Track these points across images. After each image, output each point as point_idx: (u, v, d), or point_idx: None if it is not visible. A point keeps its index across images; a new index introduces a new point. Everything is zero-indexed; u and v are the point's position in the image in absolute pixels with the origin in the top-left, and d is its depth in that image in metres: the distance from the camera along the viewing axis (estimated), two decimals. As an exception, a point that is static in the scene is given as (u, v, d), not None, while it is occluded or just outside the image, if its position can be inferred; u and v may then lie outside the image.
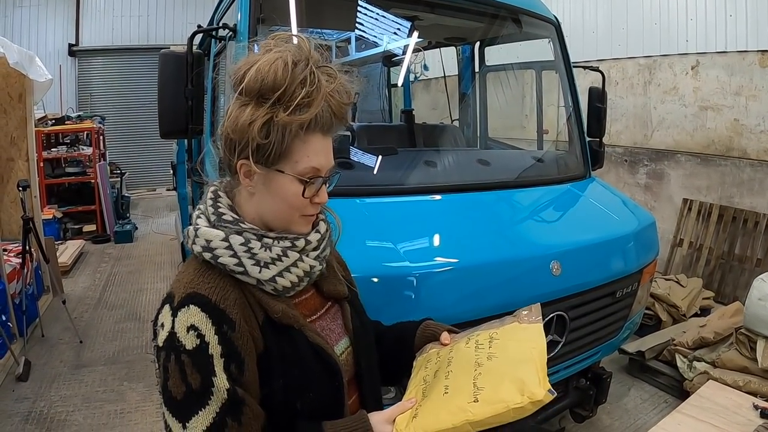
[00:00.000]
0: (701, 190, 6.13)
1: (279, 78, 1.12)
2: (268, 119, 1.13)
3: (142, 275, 7.49)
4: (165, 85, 2.77)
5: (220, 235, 1.18)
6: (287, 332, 1.21)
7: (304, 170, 1.18)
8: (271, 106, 1.12)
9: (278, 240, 1.22)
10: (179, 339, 1.09)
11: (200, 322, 1.10)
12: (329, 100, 1.15)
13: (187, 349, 1.08)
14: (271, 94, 1.12)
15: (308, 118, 1.13)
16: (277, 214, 1.23)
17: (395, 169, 3.06)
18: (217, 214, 1.23)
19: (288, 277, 1.22)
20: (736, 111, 5.74)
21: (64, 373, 4.71)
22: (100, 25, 13.11)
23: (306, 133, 1.15)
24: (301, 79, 1.12)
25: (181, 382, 1.08)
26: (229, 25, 2.96)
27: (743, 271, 5.65)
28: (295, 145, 1.16)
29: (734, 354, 3.95)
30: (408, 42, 4.07)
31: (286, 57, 1.13)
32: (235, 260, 1.17)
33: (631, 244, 3.03)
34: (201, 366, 1.08)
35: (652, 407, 4.20)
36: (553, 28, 3.87)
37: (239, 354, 1.12)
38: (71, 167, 9.75)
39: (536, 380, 1.17)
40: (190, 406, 1.08)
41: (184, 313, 1.11)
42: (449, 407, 1.19)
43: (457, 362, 1.30)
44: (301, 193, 1.18)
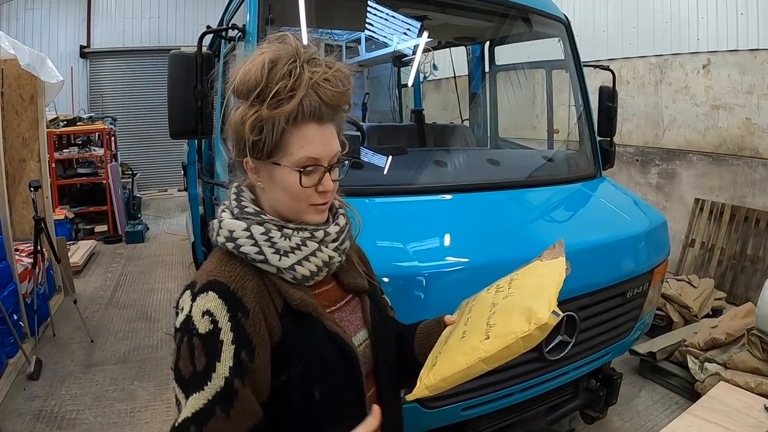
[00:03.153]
0: (713, 190, 6.09)
1: (257, 76, 1.16)
2: (256, 116, 1.17)
3: (153, 275, 7.53)
4: (175, 86, 2.78)
5: (242, 226, 1.23)
6: (305, 319, 1.25)
7: (299, 160, 1.20)
8: (256, 104, 1.17)
9: (298, 230, 1.26)
10: (194, 322, 1.14)
11: (216, 308, 1.14)
12: (317, 89, 1.17)
13: (200, 332, 1.13)
14: (252, 93, 1.17)
15: (290, 109, 1.16)
16: (286, 206, 1.26)
17: (405, 168, 3.05)
18: (240, 207, 1.28)
19: (307, 266, 1.25)
20: (748, 110, 5.70)
21: (74, 372, 4.74)
22: (111, 27, 13.19)
23: (296, 124, 1.18)
24: (281, 74, 1.16)
25: (189, 363, 1.13)
26: (238, 26, 2.97)
27: (755, 272, 5.61)
28: (288, 137, 1.19)
29: (746, 355, 3.93)
30: (418, 42, 4.07)
31: (266, 56, 1.17)
32: (255, 249, 1.21)
33: (641, 244, 3.01)
34: (209, 350, 1.12)
35: (663, 408, 4.17)
36: (563, 27, 3.85)
37: (251, 342, 1.15)
38: (83, 168, 9.82)
39: (545, 306, 1.19)
40: (192, 386, 1.12)
41: (202, 298, 1.15)
42: (464, 349, 1.23)
43: (477, 307, 1.36)
44: (299, 182, 1.20)
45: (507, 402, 2.64)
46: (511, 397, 2.63)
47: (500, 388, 2.56)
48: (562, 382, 2.85)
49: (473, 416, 2.58)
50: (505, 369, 2.54)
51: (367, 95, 7.78)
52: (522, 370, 2.60)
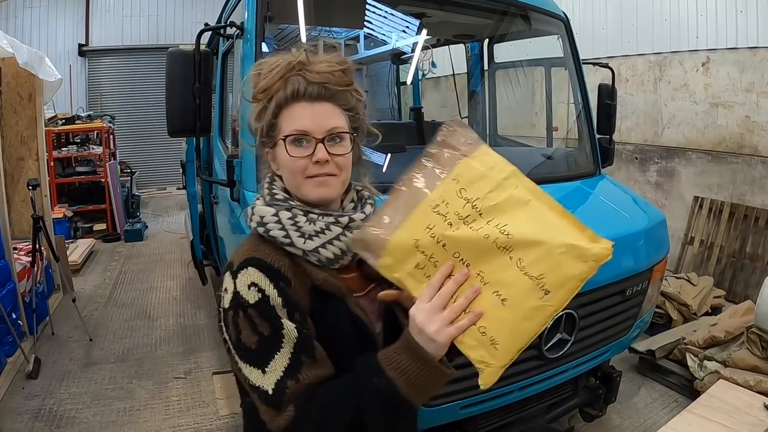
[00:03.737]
0: (712, 188, 6.09)
1: (256, 79, 1.35)
2: (256, 108, 1.36)
3: (152, 274, 7.52)
4: (173, 84, 2.78)
5: (271, 211, 1.34)
6: (330, 299, 1.34)
7: (288, 133, 1.31)
8: (253, 98, 1.36)
9: (323, 215, 1.34)
10: (242, 296, 1.23)
11: (259, 279, 1.24)
12: (302, 73, 1.30)
13: (251, 303, 1.22)
14: (258, 93, 1.35)
15: (277, 91, 1.31)
16: (290, 183, 1.37)
17: (404, 166, 3.03)
18: (271, 195, 1.39)
19: (330, 249, 1.32)
20: (748, 108, 5.69)
21: (73, 370, 4.73)
22: (110, 25, 13.17)
23: (287, 106, 1.32)
24: (266, 65, 1.34)
25: (253, 333, 1.21)
26: (236, 24, 2.95)
27: (755, 270, 5.60)
28: (282, 119, 1.32)
29: (745, 353, 3.92)
30: (416, 40, 4.06)
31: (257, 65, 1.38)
32: (283, 233, 1.31)
33: (641, 242, 3.01)
34: (267, 315, 1.22)
35: (662, 407, 4.17)
36: (562, 25, 3.84)
37: (298, 305, 1.26)
38: (81, 166, 9.80)
39: (584, 237, 1.14)
40: (267, 352, 1.22)
41: (243, 274, 1.25)
42: (523, 313, 1.13)
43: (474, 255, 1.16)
44: (291, 153, 1.31)
45: (506, 400, 2.64)
46: (511, 395, 2.63)
47: (500, 386, 2.55)
48: (561, 380, 2.85)
49: (472, 414, 2.58)
50: (505, 367, 2.54)
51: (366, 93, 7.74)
52: (521, 368, 2.60)
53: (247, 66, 2.76)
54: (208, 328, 5.63)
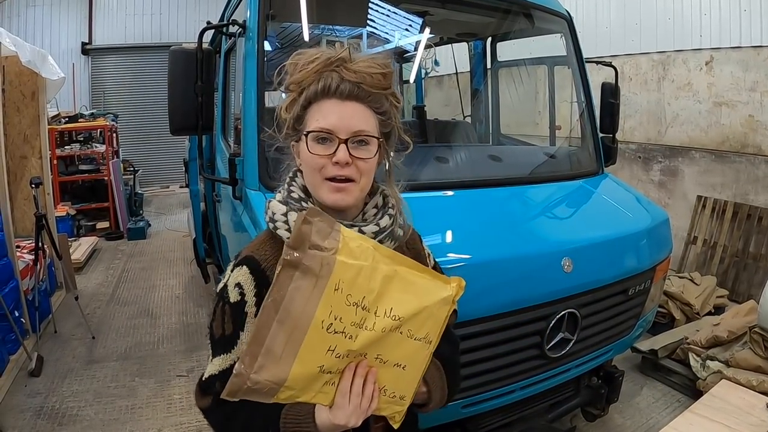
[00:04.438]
0: (716, 187, 6.08)
1: (289, 66, 1.32)
2: (290, 99, 1.33)
3: (155, 272, 7.53)
4: (175, 82, 2.77)
5: (282, 209, 1.32)
6: None
7: (313, 128, 1.28)
8: (285, 89, 1.33)
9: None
10: (227, 291, 1.29)
11: (246, 282, 1.27)
12: (339, 70, 1.27)
13: (231, 301, 1.27)
14: (290, 84, 1.32)
15: (310, 84, 1.28)
16: (309, 181, 1.34)
17: (406, 165, 3.03)
18: (288, 191, 1.38)
19: None
20: (751, 107, 5.68)
21: (76, 368, 4.75)
22: (113, 24, 13.18)
23: (317, 100, 1.29)
24: (302, 60, 1.30)
25: (221, 326, 1.29)
26: (238, 22, 2.95)
27: (758, 269, 5.59)
28: (310, 113, 1.30)
29: (748, 353, 3.91)
30: (419, 38, 4.05)
31: (296, 55, 1.33)
32: (288, 234, 1.28)
33: (644, 241, 3.00)
34: (235, 319, 1.27)
35: (664, 406, 4.17)
36: (565, 23, 3.84)
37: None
38: (84, 165, 9.81)
39: (445, 286, 1.29)
40: (220, 348, 1.30)
41: (237, 270, 1.29)
42: (417, 366, 1.29)
43: (374, 346, 1.20)
44: (312, 149, 1.28)
45: (508, 399, 2.64)
46: (513, 395, 2.63)
47: (501, 386, 2.55)
48: (563, 380, 2.85)
49: (474, 413, 2.57)
50: (507, 366, 2.54)
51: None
52: (523, 368, 2.60)
53: (250, 64, 2.76)
54: (210, 327, 5.60)
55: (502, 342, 2.46)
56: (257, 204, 2.48)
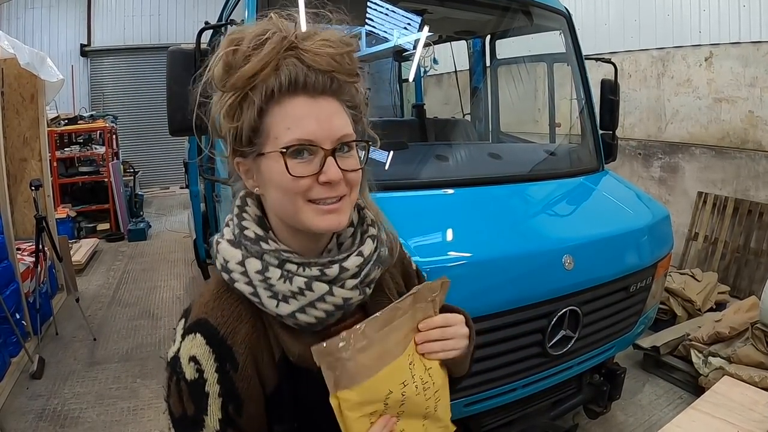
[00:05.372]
0: (716, 183, 6.06)
1: (225, 58, 0.96)
2: (229, 100, 0.97)
3: (156, 273, 7.53)
4: (173, 82, 2.76)
5: (236, 257, 1.04)
6: (306, 375, 1.04)
7: (285, 143, 0.96)
8: (230, 86, 0.96)
9: (304, 267, 1.03)
10: (181, 365, 1.01)
11: (203, 355, 1.00)
12: (298, 53, 0.95)
13: (186, 378, 1.00)
14: (224, 76, 0.96)
15: (263, 80, 0.95)
16: (283, 209, 1.03)
17: (406, 163, 3.03)
18: (240, 228, 1.07)
19: (312, 313, 1.03)
20: (751, 103, 5.66)
21: (77, 370, 4.75)
22: (112, 25, 13.16)
23: (277, 100, 0.97)
24: (251, 46, 0.94)
25: (179, 404, 1.02)
26: (236, 21, 2.95)
27: (759, 265, 5.58)
28: (271, 119, 0.98)
29: (750, 349, 3.91)
30: (418, 36, 4.05)
31: (231, 36, 0.98)
32: (250, 288, 1.02)
33: (644, 238, 3.00)
34: (196, 399, 1.01)
35: (666, 403, 4.16)
36: (564, 20, 3.83)
37: (239, 396, 1.02)
38: (84, 166, 9.83)
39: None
40: (184, 428, 1.03)
41: (190, 340, 1.01)
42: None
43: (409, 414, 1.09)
44: (287, 170, 0.96)
45: (510, 397, 2.64)
46: (515, 393, 2.63)
47: (503, 384, 2.55)
48: (565, 377, 2.85)
49: (476, 412, 2.57)
50: (509, 364, 2.54)
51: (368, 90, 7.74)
52: (525, 366, 2.60)
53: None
54: (211, 327, 5.59)
55: (503, 340, 2.46)
56: (257, 204, 2.48)
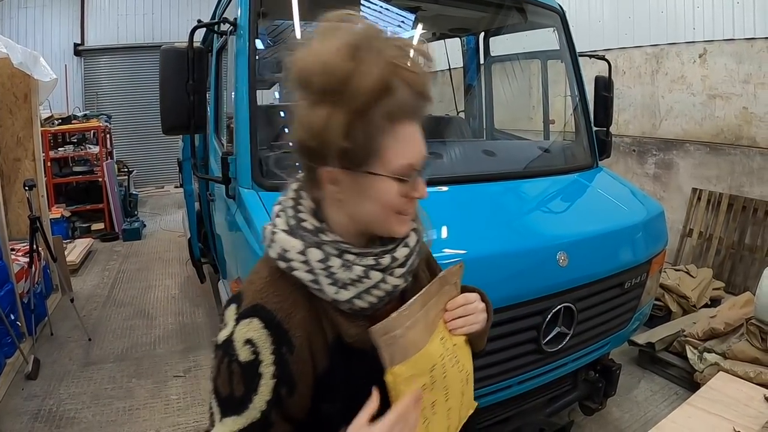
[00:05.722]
0: (711, 180, 6.08)
1: (342, 68, 0.96)
2: (348, 118, 0.98)
3: (151, 272, 7.51)
4: (167, 81, 2.77)
5: (297, 247, 1.08)
6: (359, 356, 1.11)
7: (398, 168, 1.03)
8: (345, 102, 0.97)
9: (361, 257, 1.10)
10: (235, 348, 1.04)
11: (259, 339, 1.04)
12: (407, 78, 1.00)
13: (240, 360, 1.04)
14: (341, 88, 0.97)
15: (394, 109, 1.00)
16: (373, 220, 1.10)
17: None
18: (296, 219, 1.12)
19: (367, 299, 1.10)
20: (745, 99, 5.69)
21: (72, 370, 4.73)
22: (106, 24, 13.12)
23: (393, 124, 1.01)
24: (373, 65, 0.97)
25: (227, 385, 1.05)
26: (229, 20, 2.93)
27: (754, 261, 5.60)
28: (384, 141, 1.01)
29: (745, 345, 3.92)
30: (412, 34, 4.04)
31: (346, 40, 0.97)
32: (310, 276, 1.07)
33: (639, 235, 3.01)
34: (247, 380, 1.04)
35: (662, 399, 4.17)
36: (557, 17, 3.83)
37: (292, 378, 1.06)
38: (78, 166, 9.81)
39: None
40: (229, 408, 1.05)
41: (245, 324, 1.05)
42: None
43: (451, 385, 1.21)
44: (398, 193, 1.05)
45: (506, 394, 2.63)
46: (510, 389, 2.63)
47: (499, 381, 2.55)
48: (560, 374, 2.85)
49: (472, 409, 2.57)
50: (504, 361, 2.53)
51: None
52: (520, 362, 2.59)
53: (241, 62, 2.74)
54: (206, 326, 5.62)
55: (498, 337, 2.46)
56: (250, 202, 2.47)
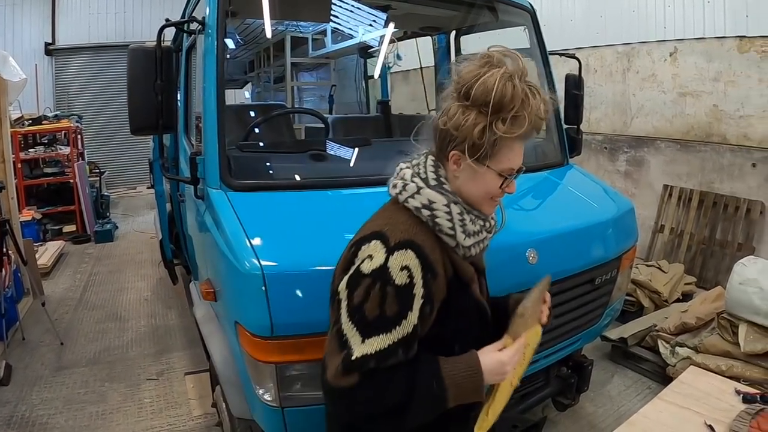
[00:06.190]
0: (681, 177, 6.15)
1: (502, 93, 1.35)
2: (488, 127, 1.38)
3: (123, 274, 7.43)
4: (135, 81, 2.74)
5: (442, 200, 1.44)
6: (465, 287, 1.53)
7: (505, 169, 1.45)
8: (492, 117, 1.37)
9: (478, 218, 1.52)
10: (390, 273, 1.33)
11: (414, 266, 1.35)
12: (536, 121, 1.39)
13: (396, 283, 1.33)
14: (495, 108, 1.36)
15: (521, 133, 1.38)
16: (474, 197, 1.50)
17: (369, 160, 3.02)
18: (438, 181, 1.48)
19: (475, 249, 1.52)
20: (715, 97, 5.75)
21: (45, 375, 4.66)
22: (77, 23, 12.94)
23: (512, 140, 1.40)
24: (518, 97, 1.36)
25: (377, 307, 1.33)
26: (197, 19, 2.90)
27: (724, 256, 5.66)
28: (503, 149, 1.42)
29: (716, 339, 3.96)
30: (383, 33, 4.04)
31: (506, 75, 1.37)
32: (449, 224, 1.43)
33: (609, 231, 3.02)
34: (402, 300, 1.33)
35: (635, 394, 4.21)
36: (528, 16, 3.84)
37: (432, 300, 1.39)
38: (49, 168, 9.66)
39: None
40: (376, 328, 1.33)
41: (401, 254, 1.35)
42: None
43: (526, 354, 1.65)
44: (500, 185, 1.47)
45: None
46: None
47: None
48: (533, 371, 2.86)
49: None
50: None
51: (333, 87, 7.74)
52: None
53: (209, 61, 2.71)
54: (179, 328, 5.57)
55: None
56: (218, 203, 2.45)
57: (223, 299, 2.46)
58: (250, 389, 2.27)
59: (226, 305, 2.42)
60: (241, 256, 2.12)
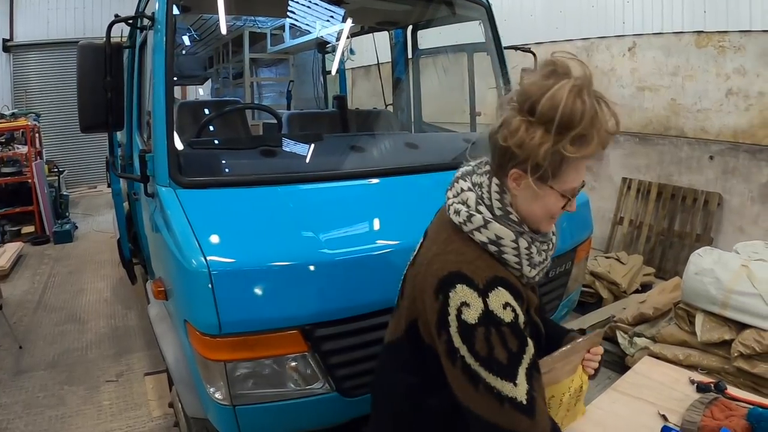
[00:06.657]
0: (640, 169, 6.23)
1: (573, 113, 1.28)
2: (557, 148, 1.30)
3: (83, 275, 7.31)
4: (84, 78, 2.70)
5: (510, 236, 1.43)
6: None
7: (569, 189, 1.41)
8: (559, 136, 1.29)
9: (542, 243, 1.51)
10: (497, 315, 1.33)
11: (510, 300, 1.36)
12: (603, 137, 1.33)
13: (506, 321, 1.34)
14: (563, 127, 1.28)
15: (589, 154, 1.33)
16: (534, 217, 1.46)
17: (320, 155, 3.00)
18: (504, 211, 1.45)
19: (539, 276, 1.54)
20: (673, 91, 5.85)
21: (3, 380, 4.57)
22: (35, 19, 12.65)
23: (578, 160, 1.35)
24: (588, 114, 1.29)
25: (503, 348, 1.32)
26: (147, 14, 2.86)
27: (683, 247, 5.76)
28: (568, 170, 1.37)
29: (674, 328, 4.00)
30: (340, 28, 4.02)
31: (575, 89, 1.29)
32: (516, 259, 1.44)
33: (563, 224, 3.03)
34: (518, 333, 1.36)
35: (594, 384, 4.16)
36: (483, 11, 3.84)
37: (527, 322, 1.44)
38: (6, 167, 9.43)
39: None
40: (514, 366, 1.33)
41: (495, 294, 1.35)
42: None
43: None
44: (562, 206, 1.43)
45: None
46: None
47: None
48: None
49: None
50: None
51: (291, 83, 7.70)
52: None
53: (158, 57, 2.67)
54: (139, 329, 5.50)
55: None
56: (167, 200, 2.41)
57: (174, 298, 2.43)
58: (202, 388, 2.24)
59: (176, 304, 2.40)
60: (188, 253, 2.10)
